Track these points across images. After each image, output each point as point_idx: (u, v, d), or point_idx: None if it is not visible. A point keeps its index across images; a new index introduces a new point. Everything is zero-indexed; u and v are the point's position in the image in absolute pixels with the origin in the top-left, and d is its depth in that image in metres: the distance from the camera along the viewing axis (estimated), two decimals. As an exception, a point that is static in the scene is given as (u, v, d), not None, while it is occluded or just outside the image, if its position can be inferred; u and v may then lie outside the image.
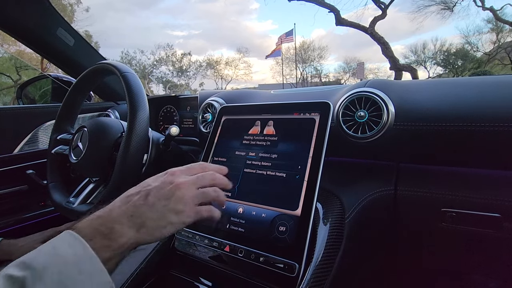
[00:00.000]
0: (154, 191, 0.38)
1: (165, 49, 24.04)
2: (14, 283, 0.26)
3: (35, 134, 0.95)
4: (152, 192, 0.38)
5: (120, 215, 0.36)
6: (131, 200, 0.38)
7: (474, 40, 18.51)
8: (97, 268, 0.30)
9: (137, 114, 0.54)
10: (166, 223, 0.37)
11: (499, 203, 0.49)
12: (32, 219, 0.90)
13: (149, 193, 0.38)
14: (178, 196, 0.38)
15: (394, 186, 0.57)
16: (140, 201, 0.37)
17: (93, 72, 0.68)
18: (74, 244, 0.31)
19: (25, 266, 0.28)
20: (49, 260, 0.29)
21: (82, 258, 0.30)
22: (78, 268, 0.29)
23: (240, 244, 0.51)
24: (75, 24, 15.54)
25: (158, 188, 0.39)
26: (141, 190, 0.39)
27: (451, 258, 0.62)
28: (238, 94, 0.85)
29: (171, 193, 0.38)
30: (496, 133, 0.48)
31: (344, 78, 24.47)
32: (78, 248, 0.31)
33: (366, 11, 17.35)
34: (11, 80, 14.24)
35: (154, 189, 0.39)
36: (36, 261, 0.29)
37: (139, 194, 0.38)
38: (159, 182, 0.40)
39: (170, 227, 0.38)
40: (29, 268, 0.28)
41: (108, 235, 0.34)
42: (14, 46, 11.13)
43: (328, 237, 0.51)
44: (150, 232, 0.36)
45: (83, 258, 0.30)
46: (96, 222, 0.35)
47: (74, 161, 0.62)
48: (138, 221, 0.36)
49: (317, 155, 0.51)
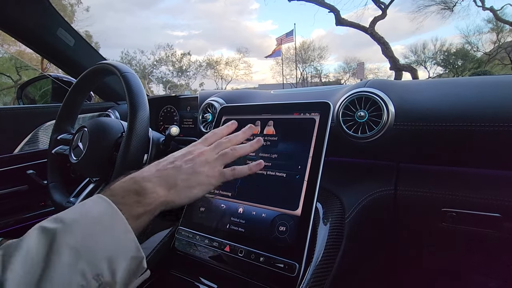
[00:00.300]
0: (180, 157, 0.43)
1: (165, 49, 24.07)
2: (47, 233, 0.30)
3: (35, 134, 0.95)
4: (178, 158, 0.43)
5: (151, 175, 0.39)
6: (160, 165, 0.41)
7: (474, 40, 18.54)
8: (123, 225, 0.33)
9: (137, 114, 0.54)
10: (195, 183, 0.41)
11: (499, 203, 0.49)
12: (32, 219, 0.90)
13: (176, 159, 0.43)
14: (202, 161, 0.42)
15: (394, 186, 0.57)
16: (168, 165, 0.41)
17: (93, 72, 0.68)
18: (101, 204, 0.34)
19: (58, 220, 0.31)
20: (78, 216, 0.32)
21: (107, 216, 0.33)
22: (102, 224, 0.32)
23: (240, 244, 0.51)
24: (75, 24, 15.55)
25: (183, 155, 0.43)
26: (168, 158, 0.43)
27: (451, 258, 0.62)
28: (238, 94, 0.86)
29: (196, 158, 0.42)
30: (496, 133, 0.48)
31: (344, 78, 24.49)
32: (104, 207, 0.34)
33: (366, 11, 17.35)
34: (11, 80, 14.25)
35: (180, 156, 0.43)
36: (67, 216, 0.32)
37: (167, 160, 0.43)
38: (184, 151, 0.44)
39: (199, 188, 0.41)
40: (61, 222, 0.31)
41: (140, 192, 0.37)
42: (14, 46, 11.14)
43: (328, 237, 0.51)
44: (180, 192, 0.40)
45: (109, 216, 0.33)
46: (128, 182, 0.38)
47: (74, 161, 0.62)
48: (169, 181, 0.39)
49: (317, 155, 0.51)
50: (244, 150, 0.46)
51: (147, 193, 0.37)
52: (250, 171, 0.46)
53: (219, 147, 0.45)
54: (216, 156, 0.44)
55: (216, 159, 0.44)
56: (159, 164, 0.42)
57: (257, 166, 0.46)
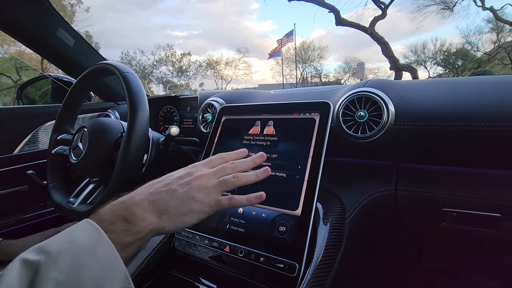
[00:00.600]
0: (175, 180, 0.40)
1: (165, 50, 24.05)
2: (29, 266, 0.27)
3: (35, 135, 0.95)
4: (174, 181, 0.40)
5: (142, 200, 0.37)
6: (153, 187, 0.39)
7: (474, 40, 18.53)
8: (112, 254, 0.31)
9: (137, 114, 0.54)
10: (187, 210, 0.38)
11: (499, 203, 0.49)
12: (32, 220, 0.90)
13: (172, 181, 0.40)
14: (199, 185, 0.39)
15: (394, 186, 0.57)
16: (161, 188, 0.39)
17: (93, 72, 0.68)
18: (90, 231, 0.31)
19: (41, 251, 0.29)
20: (64, 245, 0.30)
21: (97, 244, 0.30)
22: (92, 253, 0.30)
23: (240, 244, 0.51)
24: (75, 24, 15.56)
25: (180, 178, 0.40)
26: (164, 179, 0.40)
27: (452, 258, 0.62)
28: (238, 94, 0.85)
29: (192, 182, 0.39)
30: (496, 133, 0.48)
31: (344, 78, 24.47)
32: (93, 234, 0.31)
33: (366, 11, 17.39)
34: (11, 81, 14.25)
35: (176, 178, 0.40)
36: (52, 246, 0.29)
37: (162, 182, 0.40)
38: (182, 173, 0.41)
39: (191, 215, 0.38)
40: (44, 253, 0.28)
41: (129, 219, 0.34)
42: (14, 47, 11.14)
43: (328, 237, 0.51)
44: (171, 220, 0.37)
45: (97, 244, 0.30)
46: (118, 207, 0.35)
47: (74, 162, 0.62)
48: (159, 207, 0.37)
49: (317, 155, 0.51)
50: (247, 179, 0.42)
51: (136, 221, 0.34)
52: (249, 202, 0.42)
53: (221, 172, 0.42)
54: (215, 181, 0.40)
55: (215, 185, 0.40)
56: (153, 186, 0.39)
57: (257, 198, 0.42)
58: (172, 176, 0.41)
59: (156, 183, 0.40)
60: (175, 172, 0.42)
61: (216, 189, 0.40)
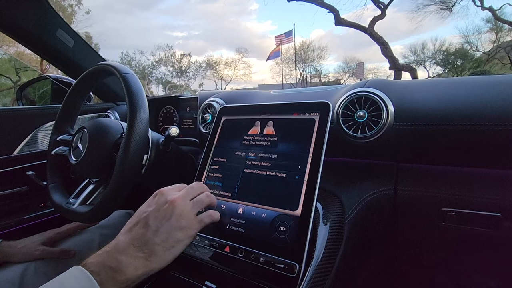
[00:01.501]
0: (152, 216, 0.39)
1: (164, 50, 24.06)
2: None
3: (34, 135, 0.95)
4: (151, 217, 0.39)
5: (126, 247, 0.36)
6: (133, 231, 0.38)
7: (474, 39, 18.56)
8: None
9: (136, 114, 0.54)
10: (174, 242, 0.38)
11: (499, 202, 0.49)
12: (32, 220, 0.90)
13: (148, 218, 0.39)
14: (177, 213, 0.39)
15: (394, 186, 0.57)
16: (142, 229, 0.38)
17: (93, 73, 0.68)
18: (81, 279, 0.32)
19: None
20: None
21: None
22: None
23: (240, 244, 0.51)
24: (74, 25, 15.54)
25: (155, 211, 0.39)
26: (139, 219, 0.39)
27: (451, 258, 0.62)
28: (237, 95, 0.86)
29: (170, 211, 0.39)
30: (496, 133, 0.48)
31: (344, 78, 24.49)
32: (85, 283, 0.31)
33: (365, 11, 17.43)
34: (10, 82, 14.23)
35: (152, 213, 0.39)
36: None
37: (139, 223, 0.39)
38: (154, 205, 0.40)
39: (178, 246, 0.39)
40: None
41: (115, 268, 0.34)
42: (14, 47, 11.14)
43: (328, 237, 0.51)
44: (160, 257, 0.37)
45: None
46: (104, 256, 0.35)
47: (74, 162, 0.62)
48: (146, 250, 0.36)
49: (317, 155, 0.51)
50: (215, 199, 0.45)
51: (123, 268, 0.34)
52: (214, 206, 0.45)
53: (192, 192, 0.43)
54: (190, 204, 0.41)
55: (191, 207, 0.41)
56: (131, 230, 0.38)
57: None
58: (146, 213, 0.40)
59: (134, 225, 0.39)
60: (145, 206, 0.41)
61: (194, 210, 0.41)
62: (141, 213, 0.40)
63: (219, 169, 0.61)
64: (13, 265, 0.63)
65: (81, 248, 0.69)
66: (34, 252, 0.64)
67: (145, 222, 0.38)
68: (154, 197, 0.42)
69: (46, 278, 0.61)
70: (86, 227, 0.75)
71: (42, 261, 0.64)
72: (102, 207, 0.55)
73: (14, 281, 0.59)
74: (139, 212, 0.41)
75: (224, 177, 0.59)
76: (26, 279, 0.60)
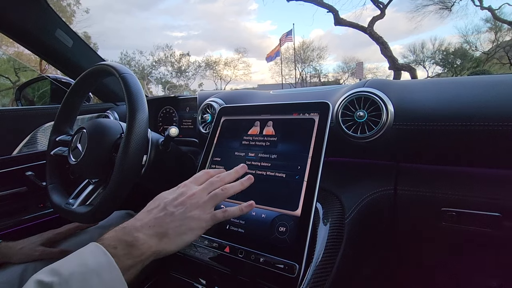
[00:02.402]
0: (170, 202, 0.42)
1: (164, 50, 24.04)
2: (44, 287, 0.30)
3: (34, 136, 0.95)
4: (169, 203, 0.42)
5: (143, 225, 0.39)
6: (152, 213, 0.41)
7: (473, 39, 18.58)
8: (117, 278, 0.33)
9: (136, 115, 0.54)
10: (187, 229, 0.40)
11: (499, 202, 0.49)
12: (31, 221, 0.89)
13: (167, 204, 0.42)
14: (193, 204, 0.42)
15: (393, 186, 0.57)
16: (160, 212, 0.41)
17: (92, 73, 0.67)
18: (98, 254, 0.34)
19: (54, 272, 0.31)
20: (75, 268, 0.32)
21: (104, 267, 0.33)
22: (100, 276, 0.32)
23: (240, 244, 0.51)
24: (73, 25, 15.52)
25: (174, 199, 0.42)
26: (159, 203, 0.42)
27: (451, 258, 0.62)
28: (237, 95, 0.85)
29: (187, 201, 0.42)
30: (495, 132, 0.48)
31: (343, 78, 24.50)
32: (101, 258, 0.34)
33: (364, 11, 17.42)
34: (9, 82, 14.21)
35: (171, 200, 0.42)
36: (63, 268, 0.32)
37: (158, 206, 0.42)
38: (175, 194, 0.43)
39: (190, 234, 0.40)
40: (57, 274, 0.31)
41: (131, 242, 0.36)
42: (13, 48, 11.12)
43: (328, 237, 0.51)
44: (172, 240, 0.39)
45: (105, 267, 0.33)
46: (121, 232, 0.38)
47: (73, 163, 0.62)
48: (160, 231, 0.39)
49: (316, 155, 0.51)
50: (234, 189, 0.45)
51: (138, 244, 0.36)
52: (241, 212, 0.45)
53: (210, 187, 0.44)
54: (207, 198, 0.43)
55: (207, 201, 0.43)
56: (151, 211, 0.41)
57: (248, 207, 0.45)
58: (166, 199, 0.43)
59: (153, 208, 0.42)
60: (167, 193, 0.44)
61: (209, 204, 0.43)
62: (162, 199, 0.43)
63: (219, 169, 0.61)
64: (12, 266, 0.62)
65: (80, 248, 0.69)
66: (34, 253, 0.64)
67: (164, 207, 0.41)
68: (177, 188, 0.45)
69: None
70: (85, 228, 0.75)
71: (42, 262, 0.64)
72: (102, 208, 0.55)
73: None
74: (160, 197, 0.44)
75: (223, 177, 0.59)
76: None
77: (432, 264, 0.64)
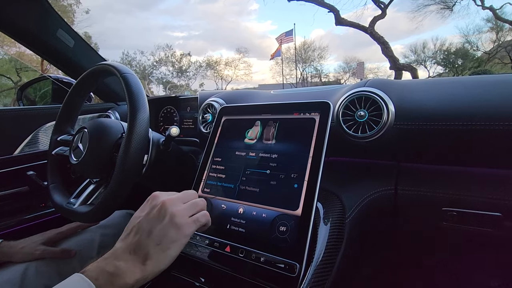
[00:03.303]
0: (145, 219, 0.40)
1: (164, 50, 24.07)
2: None
3: (35, 136, 0.95)
4: (143, 221, 0.39)
5: (123, 252, 0.37)
6: (128, 238, 0.39)
7: (474, 39, 18.53)
8: None
9: (137, 114, 0.54)
10: (169, 243, 0.38)
11: (500, 202, 0.49)
12: (33, 221, 0.90)
13: (141, 224, 0.39)
14: (170, 213, 0.39)
15: (394, 186, 0.57)
16: (136, 235, 0.38)
17: (93, 73, 0.68)
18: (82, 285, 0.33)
19: None
20: None
21: None
22: None
23: (240, 244, 0.51)
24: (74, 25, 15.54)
25: (147, 214, 0.40)
26: (133, 226, 0.40)
27: (452, 258, 0.62)
28: (238, 95, 0.86)
29: (163, 212, 0.39)
30: (496, 132, 0.48)
31: (344, 78, 24.48)
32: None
33: (365, 11, 17.46)
34: (11, 82, 14.25)
35: (145, 217, 0.40)
36: None
37: (133, 229, 0.39)
38: (147, 209, 0.41)
39: (174, 246, 0.38)
40: None
41: (113, 273, 0.35)
42: (14, 48, 11.15)
43: (329, 236, 0.51)
44: (156, 260, 0.37)
45: None
46: (103, 262, 0.36)
47: (74, 162, 0.62)
48: (141, 254, 0.37)
49: (317, 155, 0.51)
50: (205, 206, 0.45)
51: (120, 273, 0.35)
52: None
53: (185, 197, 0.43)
54: (184, 206, 0.41)
55: (185, 208, 0.41)
56: (127, 237, 0.39)
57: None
58: (140, 218, 0.40)
59: (129, 232, 0.40)
60: (138, 212, 0.42)
61: (187, 211, 0.41)
62: (135, 219, 0.41)
63: (220, 169, 0.61)
64: (14, 265, 0.63)
65: (81, 248, 0.70)
66: (35, 252, 0.64)
67: (138, 228, 0.39)
68: (147, 202, 0.42)
69: (46, 278, 0.62)
70: (86, 227, 0.75)
71: (43, 261, 0.64)
72: (103, 207, 0.55)
73: (15, 281, 0.59)
74: (133, 218, 0.41)
75: (224, 177, 0.59)
76: (26, 279, 0.60)
77: (432, 264, 0.64)
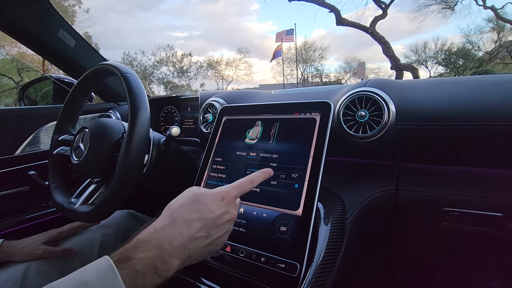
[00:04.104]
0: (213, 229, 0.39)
1: (165, 50, 24.09)
2: None
3: (36, 135, 0.96)
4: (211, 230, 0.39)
5: (180, 246, 0.36)
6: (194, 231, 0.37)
7: (475, 39, 18.48)
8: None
9: (138, 114, 0.54)
10: (211, 251, 0.40)
11: (501, 202, 0.49)
12: (34, 220, 0.90)
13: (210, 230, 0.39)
14: (229, 231, 0.42)
15: (395, 186, 0.57)
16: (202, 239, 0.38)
17: (94, 73, 0.68)
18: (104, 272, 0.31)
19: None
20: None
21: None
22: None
23: (241, 244, 0.51)
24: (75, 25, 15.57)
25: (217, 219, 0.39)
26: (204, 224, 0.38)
27: (453, 258, 0.62)
28: (238, 95, 0.86)
29: (226, 228, 0.41)
30: (497, 132, 0.48)
31: (345, 78, 24.45)
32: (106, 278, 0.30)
33: (366, 11, 17.46)
34: (12, 82, 14.28)
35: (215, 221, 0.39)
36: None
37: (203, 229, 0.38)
38: (219, 213, 0.39)
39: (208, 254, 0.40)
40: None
41: (162, 271, 0.34)
42: (16, 48, 11.18)
43: (329, 236, 0.51)
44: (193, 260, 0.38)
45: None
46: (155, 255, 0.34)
47: (75, 162, 0.62)
48: (191, 253, 0.37)
49: (318, 154, 0.51)
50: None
51: (166, 272, 0.34)
52: None
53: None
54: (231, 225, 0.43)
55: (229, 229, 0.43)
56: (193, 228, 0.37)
57: None
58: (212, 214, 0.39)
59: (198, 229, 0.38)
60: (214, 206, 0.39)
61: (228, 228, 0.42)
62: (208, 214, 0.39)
63: (220, 169, 0.61)
64: (14, 264, 0.63)
65: (82, 247, 0.70)
66: (36, 251, 0.64)
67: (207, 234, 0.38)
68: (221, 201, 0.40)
69: (47, 277, 0.62)
70: (87, 227, 0.75)
71: (44, 261, 0.64)
72: (104, 207, 0.55)
73: (16, 280, 0.59)
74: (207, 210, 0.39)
75: (225, 177, 0.59)
76: (27, 279, 0.61)
77: (433, 264, 0.64)
